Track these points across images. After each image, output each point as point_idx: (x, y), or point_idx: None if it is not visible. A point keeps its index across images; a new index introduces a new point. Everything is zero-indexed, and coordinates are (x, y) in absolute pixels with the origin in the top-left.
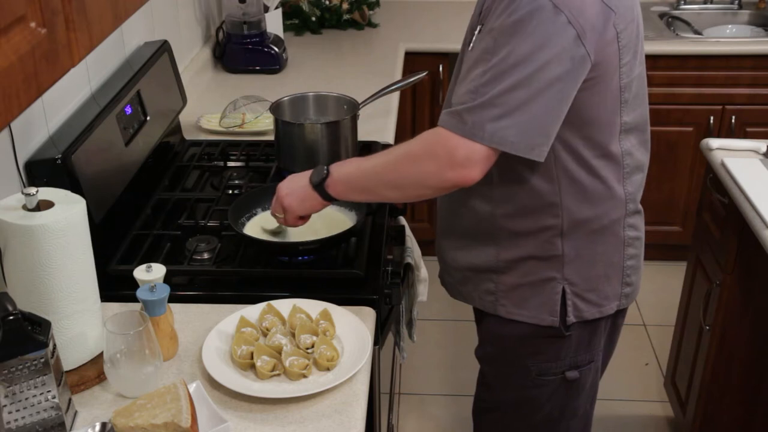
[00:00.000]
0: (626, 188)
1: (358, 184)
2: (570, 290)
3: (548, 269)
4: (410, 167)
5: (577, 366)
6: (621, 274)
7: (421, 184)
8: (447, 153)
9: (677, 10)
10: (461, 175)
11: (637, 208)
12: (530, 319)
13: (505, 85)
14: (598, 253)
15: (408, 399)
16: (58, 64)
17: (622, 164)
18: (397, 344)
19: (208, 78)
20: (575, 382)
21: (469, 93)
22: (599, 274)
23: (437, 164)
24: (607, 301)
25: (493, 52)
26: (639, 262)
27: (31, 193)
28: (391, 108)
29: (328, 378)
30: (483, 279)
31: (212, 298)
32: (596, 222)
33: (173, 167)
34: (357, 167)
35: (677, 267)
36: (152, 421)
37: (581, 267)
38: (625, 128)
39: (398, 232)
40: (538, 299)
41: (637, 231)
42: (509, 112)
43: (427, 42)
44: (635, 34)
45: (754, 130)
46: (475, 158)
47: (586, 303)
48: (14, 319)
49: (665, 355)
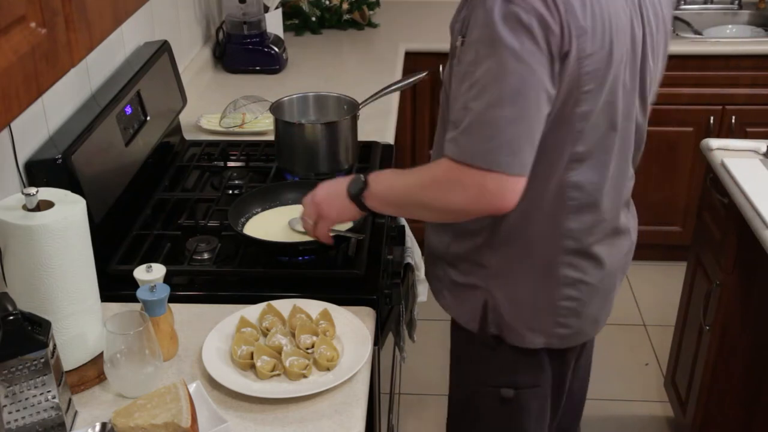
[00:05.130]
0: (568, 224)
1: (394, 201)
2: (491, 304)
3: (476, 275)
4: (437, 193)
5: (516, 386)
6: (553, 313)
7: (452, 211)
8: (475, 183)
9: (677, 10)
10: (494, 205)
11: (582, 250)
12: (458, 317)
13: (490, 99)
14: (522, 282)
15: (408, 399)
16: (58, 64)
17: (566, 197)
18: (398, 344)
19: (208, 78)
20: (513, 402)
21: (461, 110)
22: (524, 303)
23: (466, 194)
24: (531, 334)
25: (475, 64)
26: (583, 307)
27: (31, 193)
28: (391, 108)
29: (328, 378)
30: (438, 264)
31: (212, 298)
32: (524, 249)
33: (173, 167)
34: (391, 184)
35: (677, 267)
36: (152, 422)
37: (503, 285)
38: (576, 158)
39: (398, 232)
40: (466, 301)
41: (581, 273)
42: (498, 131)
43: (427, 42)
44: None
45: (754, 130)
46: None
47: (507, 326)
48: (14, 319)
49: (665, 355)
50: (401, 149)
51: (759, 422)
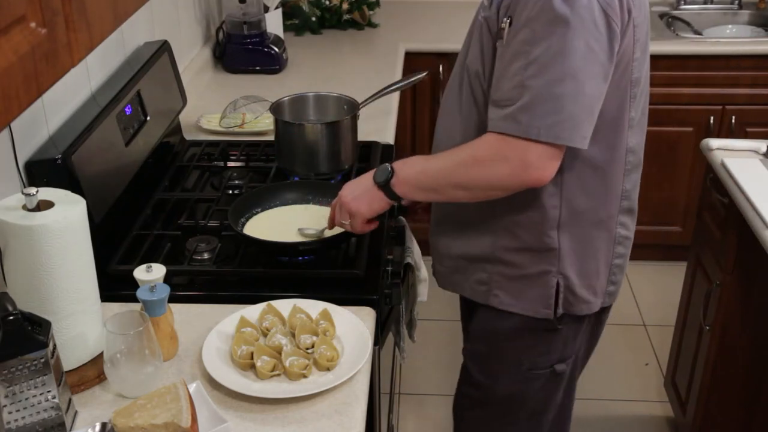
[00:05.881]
0: (624, 185)
1: (426, 184)
2: (563, 284)
3: (543, 262)
4: (480, 170)
5: (564, 359)
6: (608, 271)
7: (492, 186)
8: (518, 156)
9: (677, 10)
10: (535, 177)
11: (631, 207)
12: (524, 311)
13: (552, 76)
14: (591, 248)
15: (408, 399)
16: (58, 64)
17: (625, 160)
18: (398, 344)
19: (208, 78)
20: (562, 374)
21: (516, 88)
22: (590, 270)
23: (510, 167)
24: (595, 298)
25: (533, 43)
26: (625, 262)
27: (31, 193)
28: (391, 108)
29: (328, 378)
30: (476, 268)
31: (212, 298)
32: (592, 215)
33: (173, 167)
34: (423, 168)
35: (677, 267)
36: (152, 422)
37: (575, 261)
38: (631, 124)
39: (398, 232)
40: (532, 291)
41: (627, 230)
42: (561, 106)
43: (427, 42)
44: (645, 31)
45: (754, 130)
46: (545, 158)
47: (576, 298)
48: (14, 319)
49: (665, 355)
50: (401, 149)
51: (759, 422)
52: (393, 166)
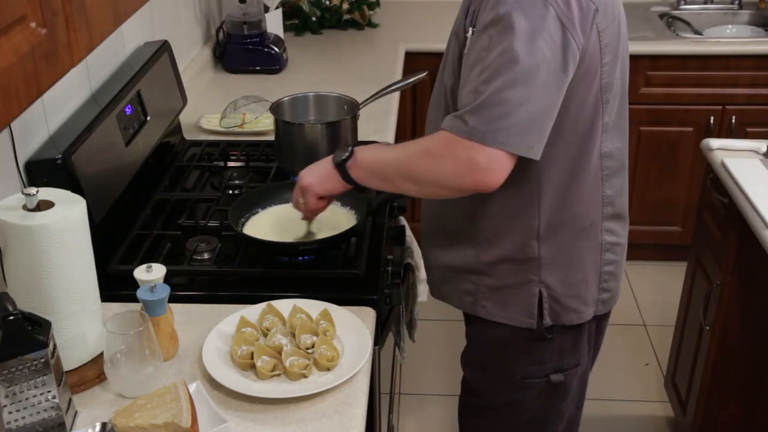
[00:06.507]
0: (605, 191)
1: (378, 172)
2: (547, 293)
3: (525, 272)
4: (428, 164)
5: (562, 369)
6: (598, 279)
7: (438, 183)
8: (466, 156)
9: (677, 10)
10: (479, 179)
11: (617, 213)
12: (510, 320)
13: (502, 82)
14: (574, 257)
15: (408, 399)
16: (58, 64)
17: (602, 166)
18: (398, 344)
19: (208, 78)
20: (560, 385)
21: (471, 93)
22: (576, 279)
23: (456, 166)
24: (585, 307)
25: (489, 49)
26: (618, 268)
27: (31, 193)
28: (391, 108)
29: (328, 378)
30: (462, 279)
31: (212, 298)
32: (573, 224)
33: (173, 167)
34: (378, 155)
35: (677, 267)
36: (152, 422)
37: (557, 270)
38: (606, 129)
39: (398, 233)
40: (516, 301)
41: (616, 236)
42: (509, 111)
43: (427, 42)
44: (616, 34)
45: (754, 130)
46: (493, 162)
47: (563, 307)
48: (14, 319)
49: (665, 355)
50: None
51: (759, 422)
52: (354, 149)
